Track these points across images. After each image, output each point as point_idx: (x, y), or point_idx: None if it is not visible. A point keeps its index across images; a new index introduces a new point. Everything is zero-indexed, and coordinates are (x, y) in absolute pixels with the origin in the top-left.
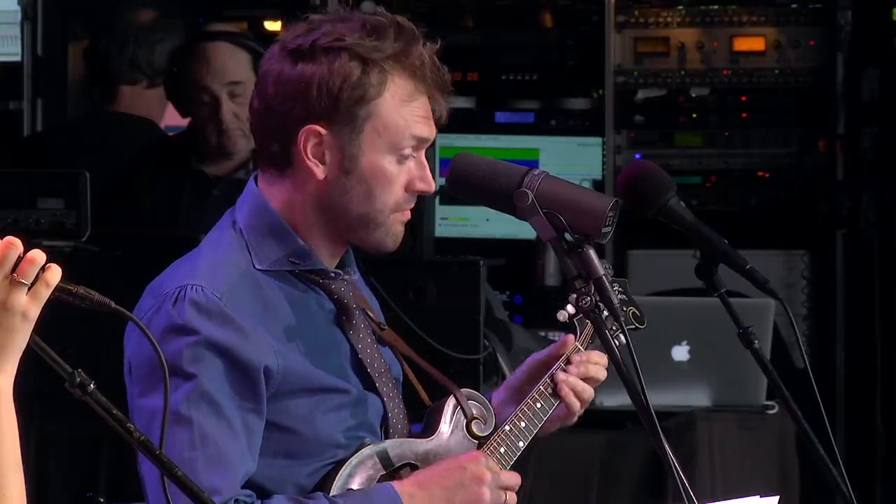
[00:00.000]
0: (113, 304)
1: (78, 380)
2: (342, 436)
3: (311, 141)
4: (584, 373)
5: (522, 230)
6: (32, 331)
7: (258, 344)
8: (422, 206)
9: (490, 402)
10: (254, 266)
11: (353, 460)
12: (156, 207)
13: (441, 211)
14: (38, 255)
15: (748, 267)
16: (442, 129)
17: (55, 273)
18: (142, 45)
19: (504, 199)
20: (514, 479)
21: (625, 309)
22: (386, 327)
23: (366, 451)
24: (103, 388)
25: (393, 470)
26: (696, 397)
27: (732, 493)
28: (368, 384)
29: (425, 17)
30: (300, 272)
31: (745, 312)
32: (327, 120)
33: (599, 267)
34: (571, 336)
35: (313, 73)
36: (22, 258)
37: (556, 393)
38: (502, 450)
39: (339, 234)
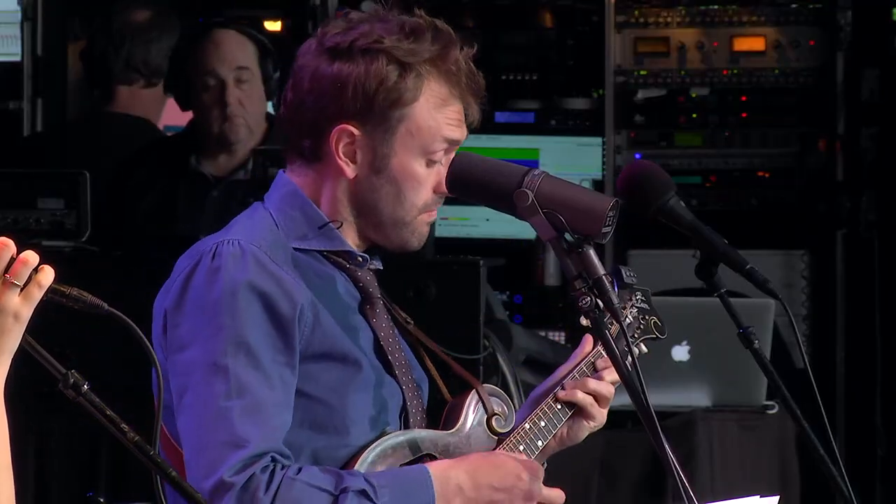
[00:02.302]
0: (106, 307)
1: (71, 381)
2: (368, 417)
3: (344, 140)
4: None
5: (522, 230)
6: (25, 332)
7: (295, 289)
8: None
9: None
10: (285, 241)
11: (377, 447)
12: (155, 208)
13: (441, 211)
14: (30, 257)
15: (748, 267)
16: None
17: (48, 274)
18: (138, 45)
19: (504, 199)
20: (559, 497)
21: (646, 318)
22: (412, 323)
23: (389, 439)
24: (98, 389)
25: (414, 459)
26: (696, 397)
27: (732, 493)
28: (389, 371)
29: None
30: (328, 254)
31: (745, 312)
32: (360, 120)
33: (599, 267)
34: (589, 336)
35: (350, 72)
36: (14, 259)
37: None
38: (521, 447)
39: (366, 231)
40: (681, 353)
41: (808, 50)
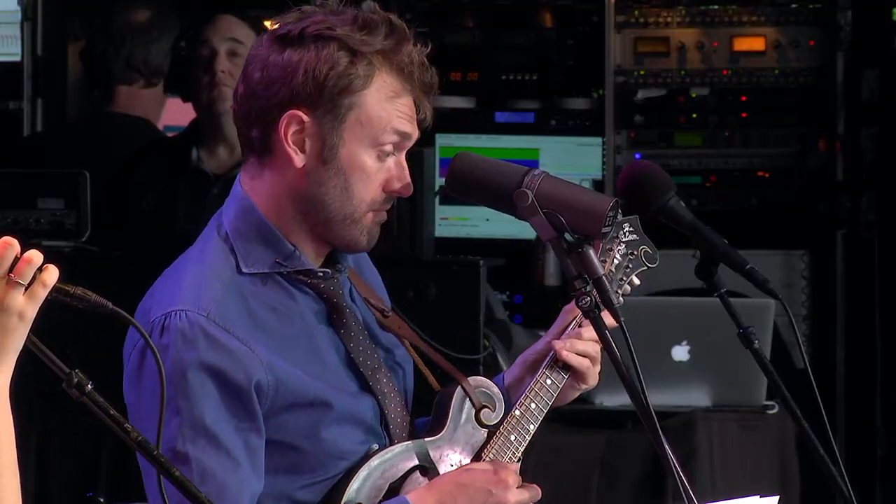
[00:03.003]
0: (111, 306)
1: (75, 380)
2: (347, 447)
3: (293, 127)
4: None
5: (522, 230)
6: (29, 331)
7: (247, 360)
8: (422, 206)
9: (503, 381)
10: (240, 271)
11: (362, 472)
12: (156, 207)
13: (441, 211)
14: (35, 256)
15: (748, 267)
16: (442, 129)
17: (52, 274)
18: (138, 45)
19: (504, 199)
20: (535, 493)
21: (636, 250)
22: (390, 314)
23: (373, 461)
24: (101, 389)
25: (402, 476)
26: (696, 397)
27: (732, 493)
28: (363, 384)
29: (425, 16)
30: (288, 273)
31: (745, 312)
32: (310, 106)
33: (599, 267)
34: (572, 304)
35: (300, 58)
36: (19, 258)
37: (564, 365)
38: (512, 437)
39: (317, 230)
40: (681, 353)
41: (808, 50)
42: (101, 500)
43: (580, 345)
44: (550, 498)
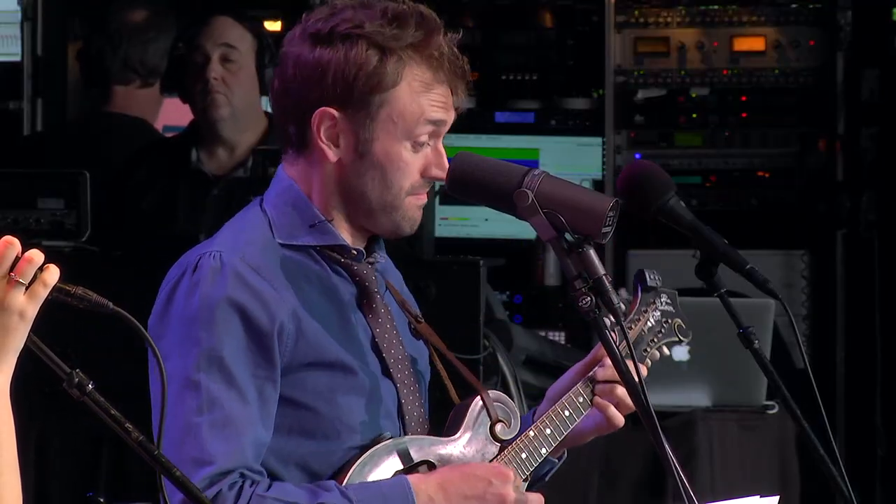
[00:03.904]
0: (111, 306)
1: (76, 380)
2: (360, 421)
3: (325, 123)
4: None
5: (522, 230)
6: (30, 331)
7: (273, 303)
8: None
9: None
10: (276, 241)
11: (370, 453)
12: (156, 207)
13: (441, 211)
14: (36, 255)
15: (748, 267)
16: None
17: (53, 273)
18: (135, 45)
19: (504, 199)
20: (538, 501)
21: (669, 321)
22: (422, 321)
23: (383, 445)
24: (102, 389)
25: (410, 467)
26: (696, 397)
27: (732, 493)
28: (384, 369)
29: None
30: (322, 250)
31: (745, 312)
32: (341, 104)
33: (599, 267)
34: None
35: (330, 58)
36: (20, 258)
37: (585, 401)
38: (524, 455)
39: (357, 218)
40: (681, 353)
41: (808, 50)
42: (101, 500)
43: (620, 390)
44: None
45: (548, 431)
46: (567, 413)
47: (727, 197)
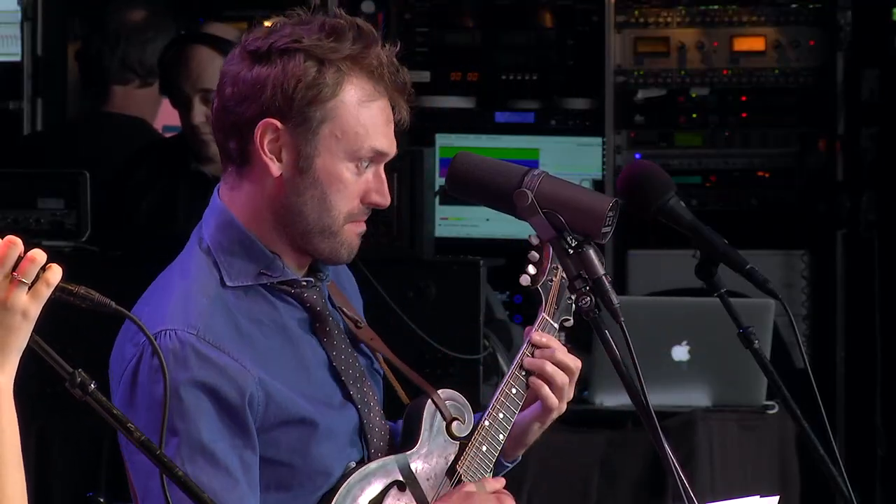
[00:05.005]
0: (114, 305)
1: (79, 380)
2: (332, 462)
3: (268, 136)
4: (549, 356)
5: (522, 230)
6: (33, 331)
7: (239, 376)
8: (422, 206)
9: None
10: (224, 285)
11: (343, 491)
12: (155, 207)
13: (441, 211)
14: (38, 255)
15: (748, 267)
16: (442, 129)
17: (56, 273)
18: (133, 45)
19: (504, 199)
20: (499, 483)
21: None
22: (363, 325)
23: (353, 478)
24: (104, 389)
25: (381, 492)
26: (696, 397)
27: (732, 493)
28: (345, 394)
29: (425, 16)
30: (271, 285)
31: (745, 312)
32: (283, 117)
33: (599, 267)
34: (529, 328)
35: (268, 74)
36: (23, 257)
37: (528, 374)
38: (484, 448)
39: (297, 241)
40: (681, 353)
41: (808, 50)
42: (102, 500)
43: (560, 354)
44: (550, 498)
45: (500, 415)
46: (514, 391)
47: (727, 197)
